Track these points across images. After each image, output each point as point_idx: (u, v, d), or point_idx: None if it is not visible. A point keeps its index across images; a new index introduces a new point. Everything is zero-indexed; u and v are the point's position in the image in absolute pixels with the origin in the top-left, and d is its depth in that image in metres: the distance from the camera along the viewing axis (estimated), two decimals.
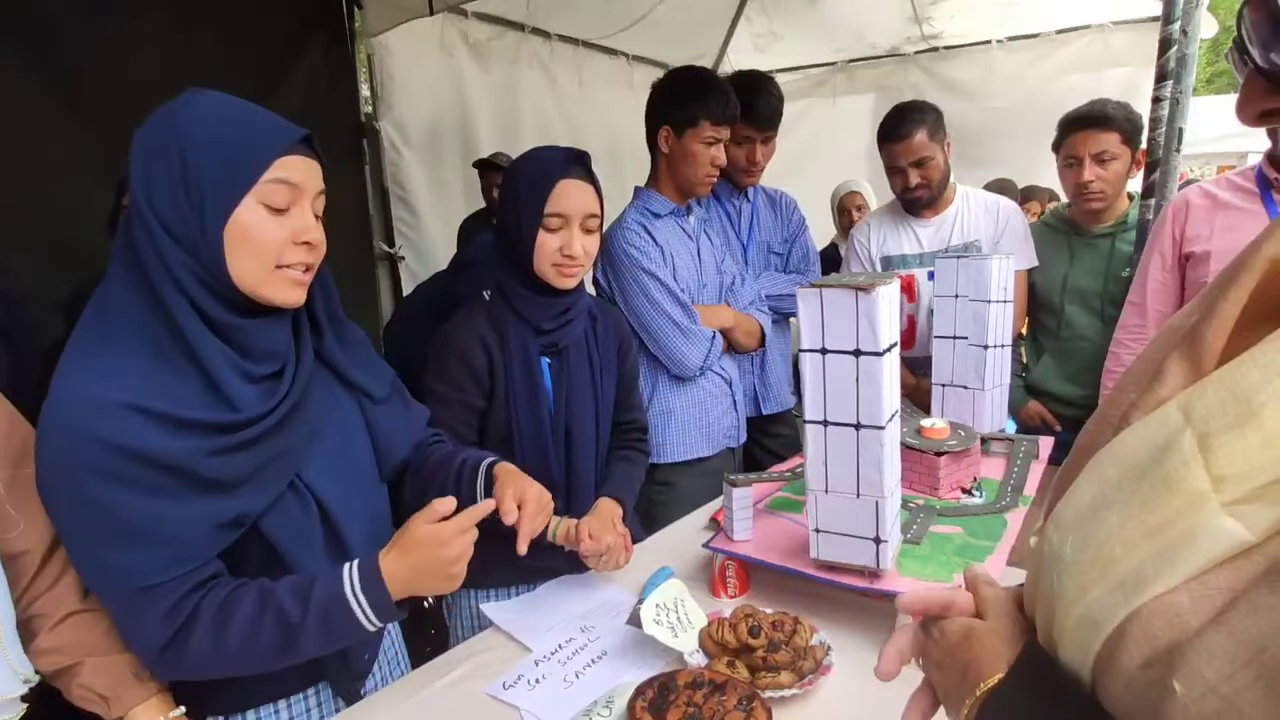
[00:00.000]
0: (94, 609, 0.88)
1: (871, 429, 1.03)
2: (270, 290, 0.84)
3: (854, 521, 1.08)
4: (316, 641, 0.85)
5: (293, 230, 0.83)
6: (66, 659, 0.85)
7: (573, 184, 1.22)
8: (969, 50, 4.35)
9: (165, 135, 0.79)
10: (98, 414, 0.75)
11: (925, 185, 1.89)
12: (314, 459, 0.93)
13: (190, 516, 0.80)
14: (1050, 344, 2.00)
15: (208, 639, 0.81)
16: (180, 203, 0.79)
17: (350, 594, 0.85)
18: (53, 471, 0.77)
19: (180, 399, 0.79)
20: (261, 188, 0.80)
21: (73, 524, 0.78)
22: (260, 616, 0.83)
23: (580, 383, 1.31)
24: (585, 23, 4.05)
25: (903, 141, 1.88)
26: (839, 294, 1.01)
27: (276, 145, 0.82)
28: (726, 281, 1.78)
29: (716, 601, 1.22)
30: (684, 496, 1.66)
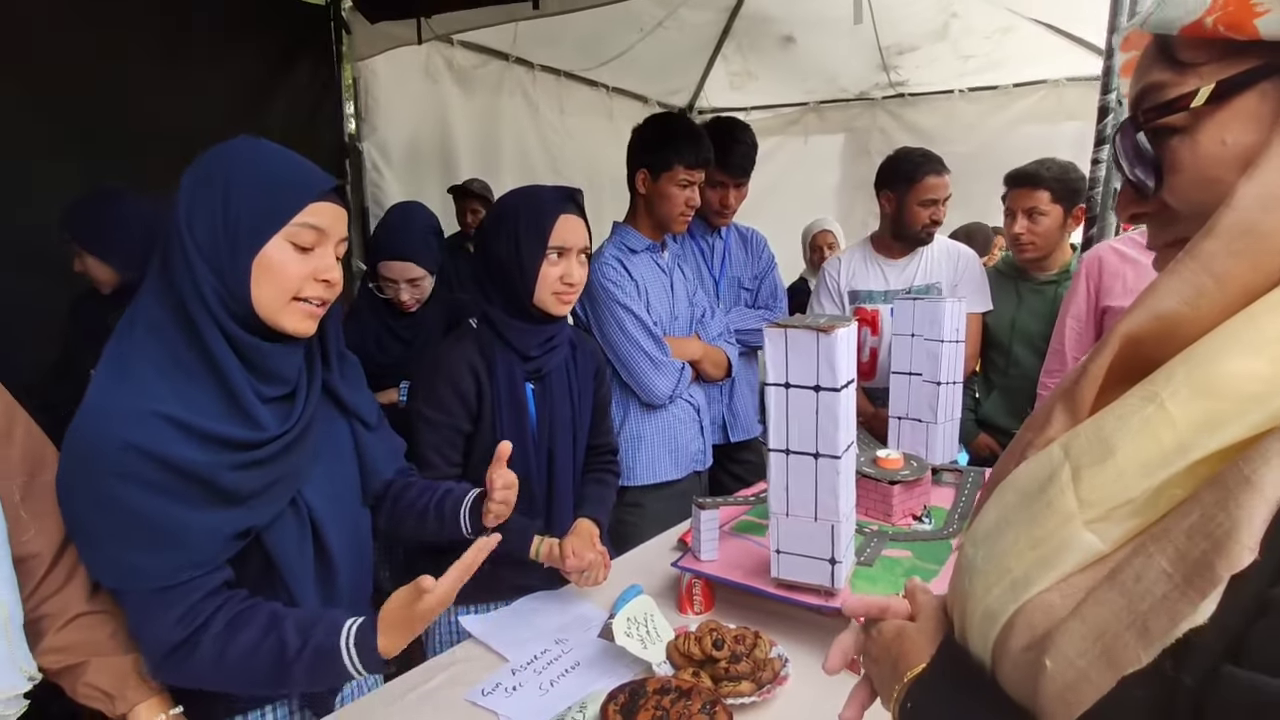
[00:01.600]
0: (100, 611, 0.92)
1: (829, 458, 1.13)
2: (286, 319, 0.91)
3: (811, 543, 1.17)
4: (302, 679, 0.89)
5: (314, 268, 0.91)
6: (73, 658, 0.88)
7: (570, 219, 1.32)
8: (932, 98, 4.58)
9: (213, 169, 0.88)
10: (131, 421, 0.82)
11: (939, 222, 2.04)
12: (311, 479, 0.99)
13: (207, 524, 0.86)
14: (1000, 381, 2.14)
15: (213, 649, 0.86)
16: (216, 231, 0.87)
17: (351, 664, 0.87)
18: (81, 473, 0.82)
19: (205, 413, 0.86)
20: (291, 228, 0.89)
21: (97, 524, 0.83)
22: (263, 641, 0.87)
23: (561, 407, 1.39)
24: (568, 55, 4.17)
25: (943, 176, 2.04)
26: (802, 334, 1.11)
27: (309, 191, 0.90)
28: (697, 314, 1.89)
29: (683, 617, 1.30)
30: (652, 517, 1.74)
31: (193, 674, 0.88)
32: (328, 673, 0.89)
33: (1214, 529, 0.35)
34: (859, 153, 4.92)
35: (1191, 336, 0.42)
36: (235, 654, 0.86)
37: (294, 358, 0.96)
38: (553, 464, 1.40)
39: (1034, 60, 4.04)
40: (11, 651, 0.82)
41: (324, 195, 0.92)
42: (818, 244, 3.63)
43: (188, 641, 0.86)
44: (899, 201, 2.10)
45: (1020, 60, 4.08)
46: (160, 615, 0.85)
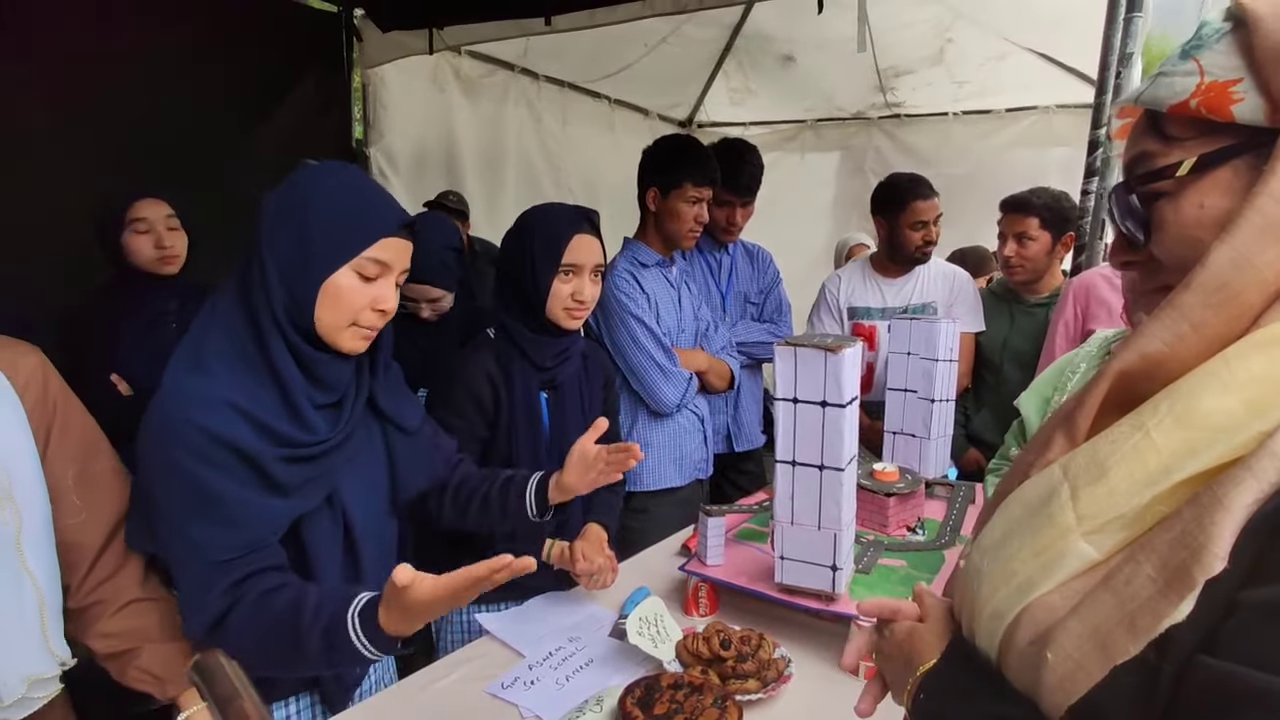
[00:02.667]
0: (151, 598, 0.97)
1: (833, 470, 1.19)
2: (341, 340, 0.98)
3: (814, 550, 1.23)
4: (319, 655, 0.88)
5: (374, 298, 0.98)
6: (126, 643, 0.94)
7: (584, 239, 1.38)
8: (928, 120, 4.69)
9: (296, 195, 0.95)
10: (202, 405, 0.89)
11: (933, 242, 2.12)
12: (347, 479, 1.05)
13: (262, 508, 0.93)
14: (990, 399, 2.22)
15: (243, 620, 0.88)
16: (293, 253, 0.94)
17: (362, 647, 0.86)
18: (160, 448, 0.89)
19: (265, 408, 0.93)
20: (360, 261, 0.95)
21: (167, 496, 0.90)
22: (285, 613, 0.89)
23: (573, 415, 1.45)
24: (573, 67, 4.24)
25: (930, 200, 2.13)
26: (811, 353, 1.17)
27: (382, 228, 0.96)
28: (702, 328, 1.96)
29: (690, 619, 1.36)
30: (657, 522, 1.80)
31: (227, 646, 0.88)
32: (341, 647, 0.85)
33: (1192, 541, 0.42)
34: (854, 171, 5.02)
35: (1174, 373, 0.48)
36: (261, 626, 0.88)
37: (346, 369, 1.02)
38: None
39: (1026, 87, 4.16)
40: (46, 638, 0.87)
41: (395, 231, 0.98)
42: (854, 255, 3.69)
43: (227, 615, 0.89)
44: (890, 226, 2.19)
45: (1013, 86, 4.20)
46: (211, 587, 0.89)
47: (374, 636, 0.85)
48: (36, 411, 0.90)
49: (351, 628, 0.85)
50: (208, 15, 2.75)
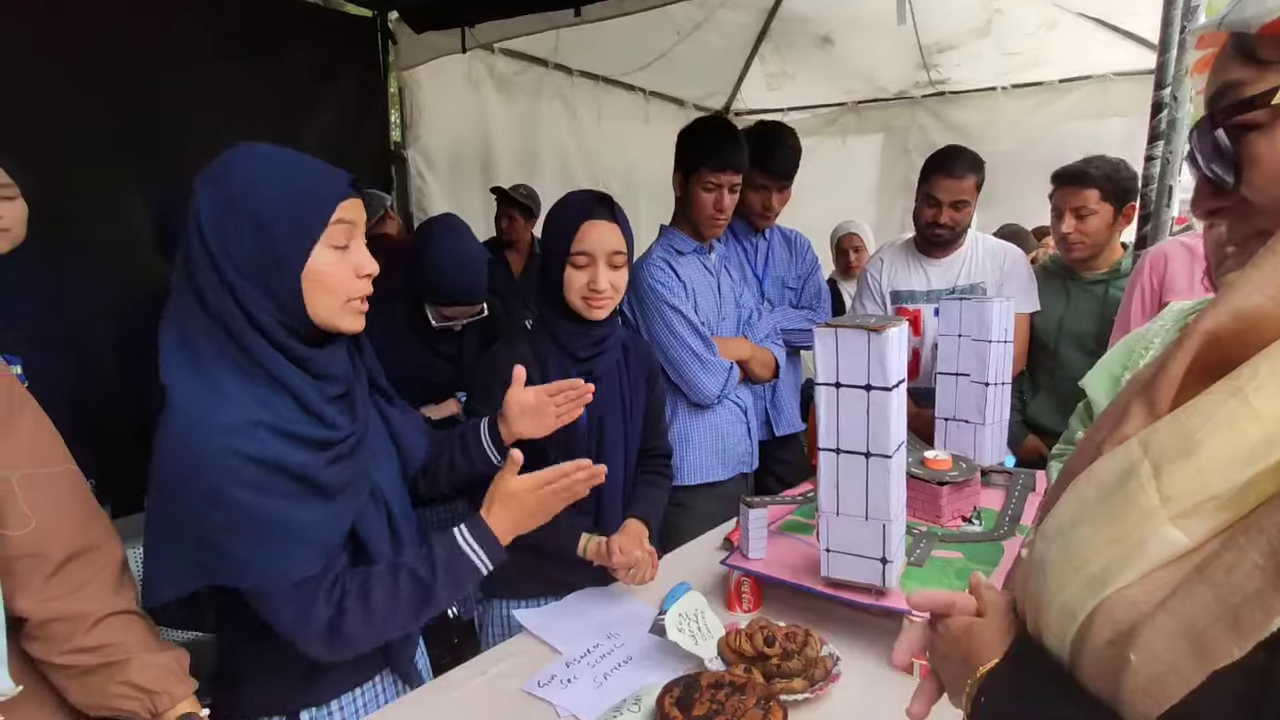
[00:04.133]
0: (130, 611, 0.90)
1: (880, 457, 1.13)
2: (341, 322, 0.94)
3: (862, 542, 1.17)
4: (448, 593, 0.99)
5: (354, 265, 0.93)
6: (109, 656, 0.86)
7: (597, 224, 1.33)
8: (974, 96, 4.51)
9: (230, 195, 0.87)
10: (234, 433, 0.84)
11: (950, 227, 2.01)
12: (377, 471, 1.05)
13: (323, 518, 0.91)
14: (1046, 382, 2.11)
15: (359, 610, 0.92)
16: (256, 256, 0.87)
17: (470, 552, 1.00)
18: (201, 487, 0.83)
19: (288, 418, 0.89)
20: (329, 232, 0.90)
21: (230, 533, 0.85)
22: (396, 585, 0.95)
23: (612, 409, 1.41)
24: (606, 60, 4.21)
25: (954, 179, 1.99)
26: (853, 334, 1.11)
27: (336, 193, 0.91)
28: (744, 315, 1.89)
29: (732, 615, 1.31)
30: (699, 517, 1.75)
31: (349, 639, 0.93)
32: (463, 579, 0.99)
33: None
34: (898, 152, 4.87)
35: (1274, 332, 0.42)
36: (380, 606, 0.93)
37: (343, 354, 1.00)
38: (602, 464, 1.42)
39: (1080, 55, 3.96)
40: None
41: (349, 192, 0.93)
42: (844, 247, 3.59)
43: (337, 613, 0.91)
44: (918, 199, 2.09)
45: (1065, 55, 4.00)
46: (308, 602, 0.90)
47: (490, 548, 1.00)
48: None
49: (471, 552, 0.99)
50: (246, 22, 2.80)
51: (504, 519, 1.03)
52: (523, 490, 1.03)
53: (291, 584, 0.89)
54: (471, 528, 1.01)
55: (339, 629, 0.92)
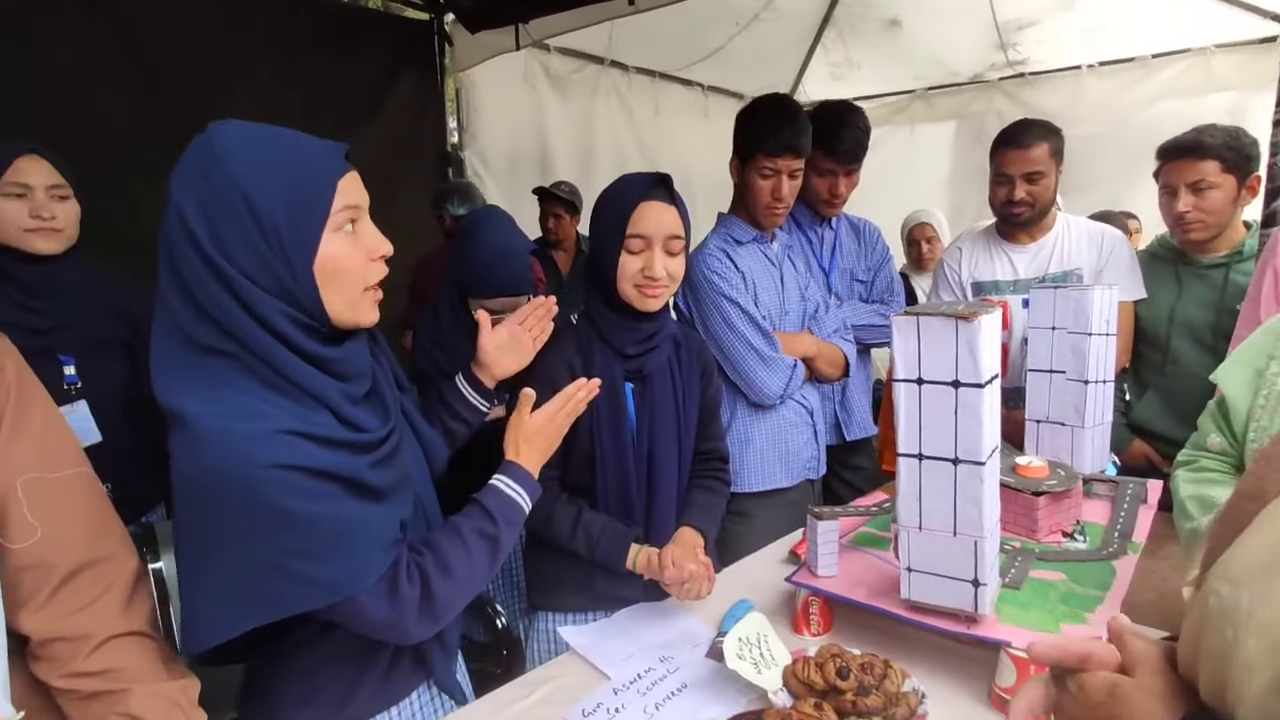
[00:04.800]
0: (139, 632, 0.83)
1: (970, 464, 0.99)
2: (359, 314, 0.87)
3: (950, 562, 1.03)
4: (508, 537, 1.00)
5: (367, 249, 0.86)
6: (109, 684, 0.79)
7: (653, 205, 1.23)
8: (1056, 76, 4.22)
9: (221, 189, 0.77)
10: (265, 444, 0.76)
11: (1029, 203, 1.82)
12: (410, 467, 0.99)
13: (378, 516, 0.86)
14: (1155, 380, 1.88)
15: (442, 579, 0.90)
16: (262, 253, 0.78)
17: (513, 494, 1.03)
18: (245, 509, 0.75)
19: (315, 424, 0.81)
20: (335, 217, 0.81)
21: (288, 549, 0.77)
22: (465, 544, 0.95)
23: (663, 409, 1.31)
24: (663, 54, 4.13)
25: (1021, 150, 1.81)
26: (937, 322, 0.97)
27: (335, 171, 0.82)
28: (810, 309, 1.75)
29: (799, 639, 1.18)
30: (760, 528, 1.62)
31: (444, 607, 0.91)
32: (515, 520, 1.02)
33: None
34: (972, 140, 4.59)
35: None
36: (459, 567, 0.93)
37: (364, 350, 0.92)
38: (653, 470, 1.31)
39: (1177, 27, 3.63)
40: None
41: (347, 167, 0.84)
42: (915, 238, 3.35)
43: (423, 590, 0.89)
44: (990, 179, 1.90)
45: (1159, 28, 3.68)
46: (393, 591, 0.86)
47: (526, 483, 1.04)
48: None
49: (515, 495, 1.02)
50: (309, 29, 2.84)
51: (531, 455, 1.07)
52: (541, 424, 1.08)
53: (368, 586, 0.84)
54: (506, 472, 1.04)
55: (432, 602, 0.90)
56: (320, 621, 0.91)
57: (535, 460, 1.08)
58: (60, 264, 1.47)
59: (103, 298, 1.55)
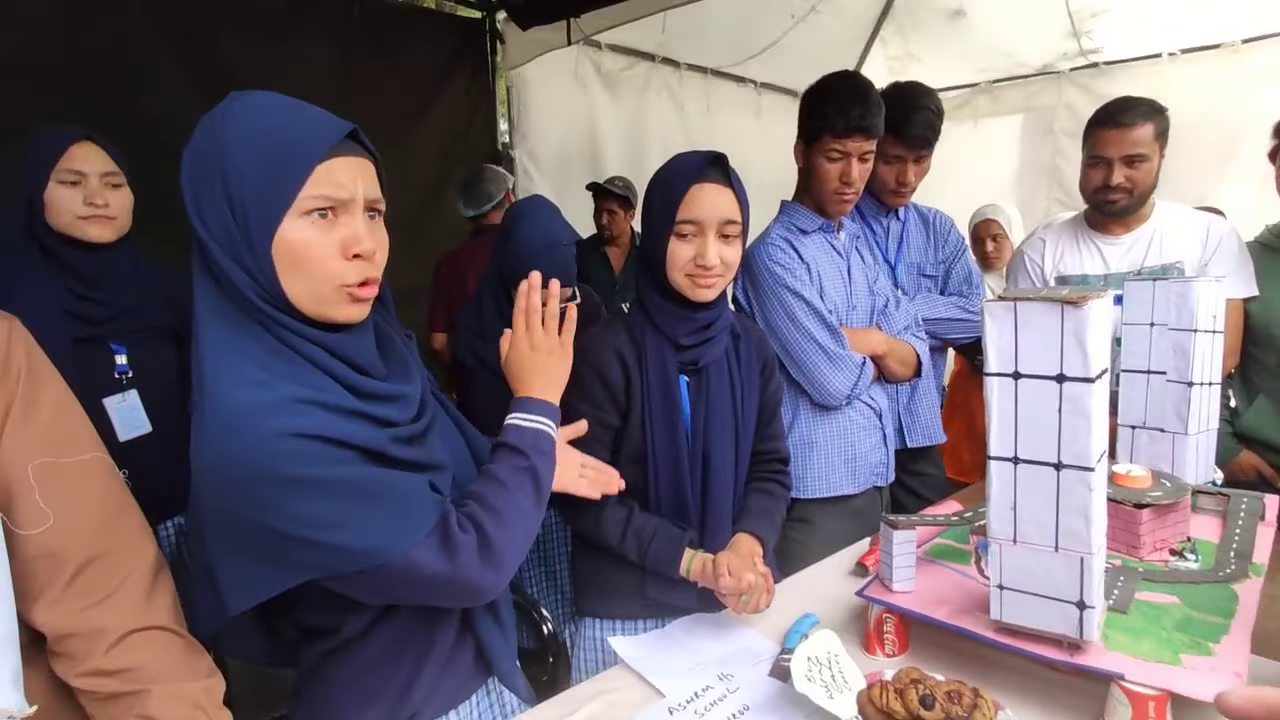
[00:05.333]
0: (157, 626, 0.78)
1: (1077, 469, 0.87)
2: (329, 309, 0.78)
3: (1050, 580, 0.91)
4: (544, 467, 0.94)
5: (342, 242, 0.76)
6: (128, 684, 0.74)
7: (708, 188, 1.14)
8: (1134, 65, 3.98)
9: (208, 149, 0.74)
10: (281, 412, 0.71)
11: (1127, 189, 1.66)
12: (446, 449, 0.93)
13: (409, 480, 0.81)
14: (1269, 385, 1.70)
15: (495, 522, 0.85)
16: (228, 222, 0.73)
17: (533, 424, 0.97)
18: (274, 481, 0.71)
19: (330, 394, 0.76)
20: (302, 202, 0.73)
21: (323, 517, 0.72)
22: (504, 486, 0.89)
23: (720, 405, 1.22)
24: (715, 50, 4.05)
25: (1121, 129, 1.65)
26: (1039, 309, 0.86)
27: (316, 149, 0.74)
28: (879, 304, 1.63)
29: (871, 660, 1.07)
30: (823, 537, 1.51)
31: (503, 553, 0.85)
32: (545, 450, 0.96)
33: None
34: (1041, 134, 4.38)
35: None
36: (507, 509, 0.88)
37: (366, 342, 0.84)
38: (708, 469, 1.23)
39: (1271, 8, 3.37)
40: None
41: (337, 149, 0.75)
42: (980, 235, 3.16)
43: (479, 538, 0.84)
44: (1083, 163, 1.75)
45: (1251, 9, 3.43)
46: (446, 544, 0.80)
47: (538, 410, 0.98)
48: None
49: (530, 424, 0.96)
50: (366, 30, 2.85)
51: (534, 383, 1.00)
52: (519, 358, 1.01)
53: (416, 541, 0.78)
54: (519, 407, 0.98)
55: (490, 547, 0.84)
56: (372, 615, 0.86)
57: (542, 386, 1.00)
58: (114, 252, 1.46)
59: (154, 286, 1.54)
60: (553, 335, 1.02)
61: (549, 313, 1.02)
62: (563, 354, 1.03)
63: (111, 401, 1.46)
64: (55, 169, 1.38)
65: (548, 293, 1.03)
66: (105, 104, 2.12)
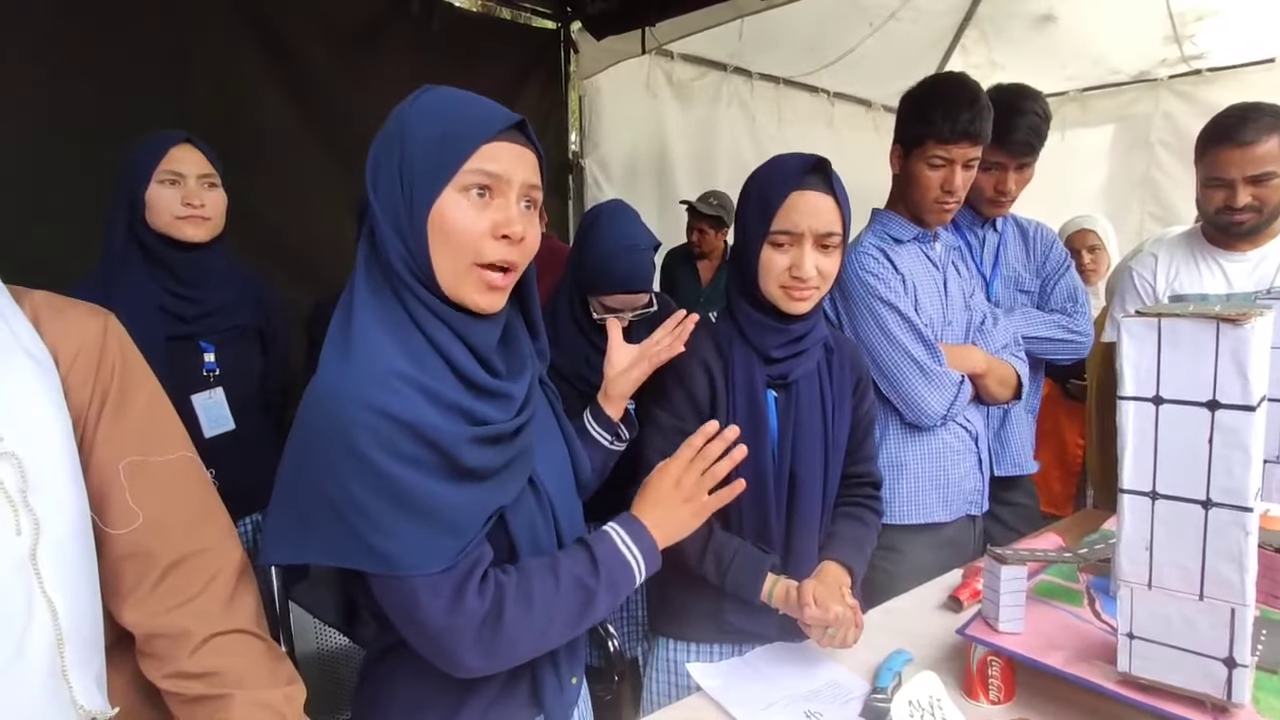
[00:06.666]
0: (244, 630, 0.77)
1: (1231, 509, 0.78)
2: (466, 291, 0.79)
3: (1192, 632, 0.81)
4: (605, 604, 0.86)
5: (493, 223, 0.78)
6: (210, 688, 0.73)
7: (807, 195, 1.08)
8: (1241, 71, 3.73)
9: (393, 129, 0.80)
10: (375, 384, 0.73)
11: (1257, 209, 1.52)
12: (538, 457, 0.89)
13: (465, 500, 0.77)
14: None
15: (519, 609, 0.79)
16: (395, 193, 0.78)
17: (626, 551, 0.87)
18: (341, 447, 0.72)
19: (440, 379, 0.77)
20: (462, 175, 0.77)
21: (368, 503, 0.72)
22: (558, 585, 0.82)
23: (809, 422, 1.15)
24: (788, 60, 3.98)
25: (1243, 148, 1.49)
26: (1189, 326, 0.77)
27: (481, 132, 0.77)
28: (976, 320, 1.52)
29: (975, 706, 0.99)
30: (911, 566, 1.42)
31: (510, 642, 0.79)
32: (620, 587, 0.86)
33: None
34: (1135, 145, 4.14)
35: None
36: (541, 605, 0.81)
37: (492, 331, 0.84)
38: (795, 489, 1.16)
39: None
40: (56, 683, 0.64)
41: (501, 135, 0.78)
42: (1075, 246, 2.96)
43: (491, 611, 0.78)
44: (1198, 181, 1.60)
45: None
46: (458, 594, 0.76)
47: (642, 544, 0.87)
48: (84, 386, 0.72)
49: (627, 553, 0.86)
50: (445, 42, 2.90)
51: (653, 518, 0.90)
52: (661, 483, 0.91)
53: (435, 573, 0.75)
54: (627, 527, 0.88)
55: (499, 629, 0.78)
56: None
57: (661, 524, 0.90)
58: (208, 252, 1.50)
59: (242, 287, 1.58)
60: (703, 489, 0.91)
61: (713, 471, 0.91)
62: (699, 510, 0.92)
63: (199, 399, 1.49)
64: (157, 170, 1.42)
65: (721, 438, 0.93)
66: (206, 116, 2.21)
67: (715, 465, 0.91)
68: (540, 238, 0.85)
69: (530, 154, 0.82)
